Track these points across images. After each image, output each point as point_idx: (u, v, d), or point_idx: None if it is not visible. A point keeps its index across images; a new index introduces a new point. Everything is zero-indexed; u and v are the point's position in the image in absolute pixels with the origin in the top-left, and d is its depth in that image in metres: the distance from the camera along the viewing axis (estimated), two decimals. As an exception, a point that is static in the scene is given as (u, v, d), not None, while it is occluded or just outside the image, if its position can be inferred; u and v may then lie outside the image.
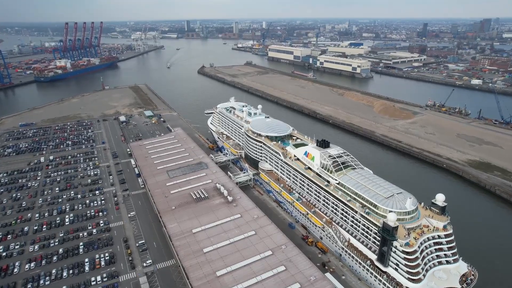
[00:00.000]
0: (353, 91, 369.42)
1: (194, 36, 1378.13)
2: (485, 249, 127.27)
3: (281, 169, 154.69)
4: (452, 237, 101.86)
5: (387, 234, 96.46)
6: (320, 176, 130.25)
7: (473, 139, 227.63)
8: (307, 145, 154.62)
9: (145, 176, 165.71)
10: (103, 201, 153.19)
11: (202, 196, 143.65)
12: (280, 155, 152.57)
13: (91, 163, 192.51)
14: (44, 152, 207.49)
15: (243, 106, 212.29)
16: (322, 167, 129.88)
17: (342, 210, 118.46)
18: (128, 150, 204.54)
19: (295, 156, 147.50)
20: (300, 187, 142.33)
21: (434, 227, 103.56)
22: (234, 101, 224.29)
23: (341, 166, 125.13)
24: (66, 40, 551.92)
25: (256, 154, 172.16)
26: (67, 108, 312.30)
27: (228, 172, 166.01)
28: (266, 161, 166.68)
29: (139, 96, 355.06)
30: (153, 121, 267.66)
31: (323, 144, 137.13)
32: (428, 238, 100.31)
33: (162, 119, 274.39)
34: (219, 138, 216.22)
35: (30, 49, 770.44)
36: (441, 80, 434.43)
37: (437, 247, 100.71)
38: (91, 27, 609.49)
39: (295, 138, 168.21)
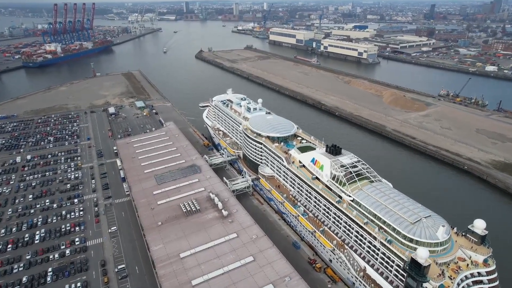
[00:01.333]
0: (360, 79, 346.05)
1: (193, 18, 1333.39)
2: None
3: (284, 177, 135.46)
4: (495, 275, 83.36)
5: (416, 274, 77.90)
6: (330, 189, 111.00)
7: (494, 135, 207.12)
8: (314, 148, 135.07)
9: (130, 181, 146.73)
10: (81, 212, 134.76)
11: (193, 209, 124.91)
12: (283, 161, 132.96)
13: (72, 163, 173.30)
14: (21, 150, 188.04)
15: (242, 99, 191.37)
16: (333, 179, 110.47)
17: (357, 232, 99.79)
18: (115, 148, 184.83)
19: (300, 162, 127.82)
20: (306, 199, 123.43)
21: (472, 260, 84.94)
22: (231, 93, 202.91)
23: (356, 178, 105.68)
24: (55, 22, 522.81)
25: (255, 156, 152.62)
26: (54, 97, 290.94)
27: (224, 178, 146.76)
28: (267, 165, 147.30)
29: (132, 84, 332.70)
30: (145, 113, 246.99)
31: (334, 150, 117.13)
32: (466, 276, 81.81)
33: (154, 110, 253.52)
34: (215, 134, 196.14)
35: (21, 31, 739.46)
36: (453, 67, 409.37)
37: (477, 287, 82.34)
38: (82, 9, 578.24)
39: (300, 139, 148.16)
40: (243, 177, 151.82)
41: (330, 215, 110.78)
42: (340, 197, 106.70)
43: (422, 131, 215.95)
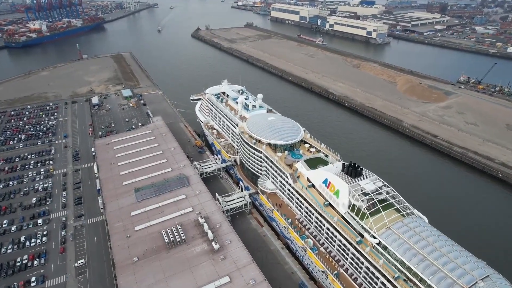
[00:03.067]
0: (370, 62, 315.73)
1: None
2: None
3: (289, 196, 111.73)
4: None
5: None
6: (349, 223, 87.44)
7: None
8: (325, 161, 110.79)
9: (106, 197, 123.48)
10: (45, 238, 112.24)
11: (178, 239, 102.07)
12: (287, 178, 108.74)
13: (43, 169, 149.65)
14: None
15: (239, 92, 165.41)
16: (352, 210, 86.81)
17: (385, 286, 76.97)
18: (93, 149, 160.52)
19: (309, 181, 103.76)
20: (317, 229, 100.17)
21: None
22: (227, 84, 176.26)
23: (382, 212, 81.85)
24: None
25: (254, 167, 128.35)
26: (33, 84, 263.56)
27: (217, 195, 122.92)
28: (268, 178, 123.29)
29: (121, 69, 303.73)
30: (131, 104, 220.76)
31: (353, 171, 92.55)
32: None
33: (142, 101, 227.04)
34: (208, 133, 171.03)
35: (8, 6, 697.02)
36: (470, 47, 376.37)
37: None
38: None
39: (308, 147, 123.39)
40: (239, 191, 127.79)
41: (348, 257, 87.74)
42: (362, 236, 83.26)
43: (444, 128, 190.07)
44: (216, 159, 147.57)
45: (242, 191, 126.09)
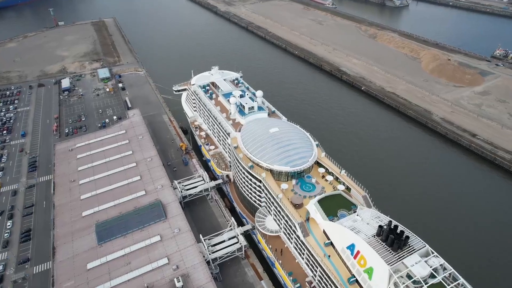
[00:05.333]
0: (388, 31, 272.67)
1: None
2: None
3: (299, 251, 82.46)
4: None
5: None
6: (388, 324, 58.79)
7: None
8: (348, 202, 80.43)
9: (58, 235, 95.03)
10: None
11: (144, 316, 74.72)
12: (296, 229, 78.85)
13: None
14: None
15: (234, 83, 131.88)
16: (394, 304, 57.77)
17: None
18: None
19: (326, 235, 74.10)
20: (336, 308, 71.92)
21: None
22: (217, 72, 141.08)
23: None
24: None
25: (251, 196, 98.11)
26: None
27: (201, 237, 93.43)
28: (269, 213, 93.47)
29: (101, 40, 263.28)
30: (108, 89, 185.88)
31: (395, 241, 62.10)
32: None
33: (121, 84, 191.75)
34: (196, 134, 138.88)
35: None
36: (504, 11, 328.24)
37: None
38: None
39: (324, 172, 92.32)
40: (231, 229, 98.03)
41: None
42: None
43: (484, 122, 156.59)
44: (203, 177, 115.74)
45: (235, 228, 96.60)
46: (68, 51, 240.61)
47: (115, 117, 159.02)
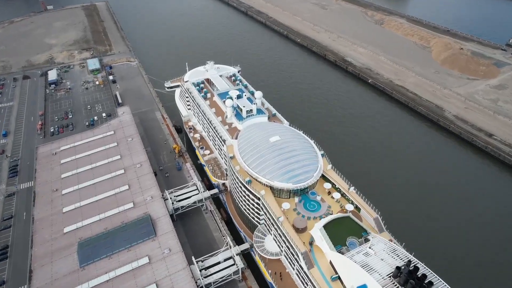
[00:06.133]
0: (396, 17, 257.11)
1: None
2: None
3: (303, 281, 73.52)
4: None
5: None
6: None
7: None
8: (358, 227, 71.33)
9: (36, 256, 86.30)
10: None
11: None
12: (300, 259, 69.73)
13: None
14: None
15: (231, 80, 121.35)
16: None
17: None
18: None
19: (333, 267, 65.07)
20: None
21: None
22: (213, 68, 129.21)
23: None
24: None
25: (249, 212, 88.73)
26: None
27: (193, 260, 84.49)
28: (270, 232, 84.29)
29: (92, 26, 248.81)
30: (97, 82, 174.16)
31: (415, 287, 52.92)
32: None
33: (111, 76, 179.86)
34: (190, 135, 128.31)
35: None
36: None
37: None
38: None
39: (330, 188, 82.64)
40: (227, 248, 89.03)
41: None
42: None
43: (501, 120, 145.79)
44: (197, 187, 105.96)
45: (231, 248, 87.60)
46: (57, 39, 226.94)
47: (104, 114, 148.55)
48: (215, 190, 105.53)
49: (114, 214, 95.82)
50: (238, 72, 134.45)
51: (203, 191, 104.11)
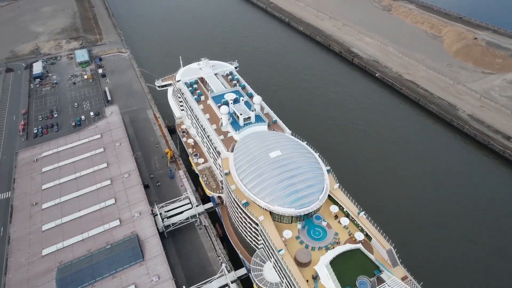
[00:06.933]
0: (405, 2, 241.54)
1: None
2: None
3: (304, 323, 65.32)
4: None
5: None
6: None
7: None
8: (369, 262, 62.59)
9: (10, 285, 78.02)
10: None
11: None
12: (302, 302, 61.22)
13: None
14: None
15: (228, 78, 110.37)
16: None
17: None
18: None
19: (342, 318, 56.54)
20: None
21: None
22: (207, 65, 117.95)
23: None
24: None
25: (246, 235, 79.84)
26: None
27: (184, 289, 76.75)
28: (270, 259, 75.56)
29: (81, 12, 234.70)
30: (86, 76, 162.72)
31: None
32: None
33: (101, 69, 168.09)
34: (183, 139, 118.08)
35: None
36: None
37: None
38: None
39: (337, 212, 73.56)
40: (222, 274, 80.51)
41: None
42: None
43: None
44: (190, 200, 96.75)
45: (226, 274, 79.14)
46: (44, 26, 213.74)
47: (92, 113, 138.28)
48: (210, 204, 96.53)
49: (98, 233, 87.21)
50: (236, 68, 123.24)
51: (197, 205, 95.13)
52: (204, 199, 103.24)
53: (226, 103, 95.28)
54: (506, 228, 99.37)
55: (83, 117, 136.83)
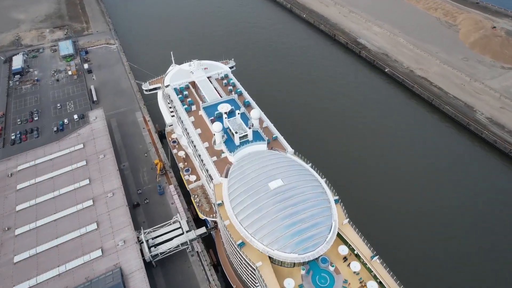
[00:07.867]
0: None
1: None
2: None
3: None
4: None
5: None
6: None
7: None
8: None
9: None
10: None
11: None
12: None
13: None
14: None
15: (223, 83, 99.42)
16: None
17: None
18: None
19: None
20: None
21: None
22: (198, 67, 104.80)
23: None
24: None
25: (242, 274, 70.35)
26: None
27: None
28: (267, 306, 66.37)
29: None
30: (71, 72, 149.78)
31: None
32: None
33: (87, 64, 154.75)
34: (174, 148, 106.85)
35: None
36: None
37: None
38: None
39: (347, 254, 63.79)
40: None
41: None
42: None
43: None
44: (181, 225, 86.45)
45: (220, 318, 70.44)
46: (26, 13, 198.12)
47: (76, 116, 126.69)
48: (203, 229, 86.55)
49: (77, 266, 77.83)
50: (232, 68, 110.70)
51: (188, 231, 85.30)
52: (197, 218, 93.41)
53: (220, 116, 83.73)
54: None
55: (66, 120, 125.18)
